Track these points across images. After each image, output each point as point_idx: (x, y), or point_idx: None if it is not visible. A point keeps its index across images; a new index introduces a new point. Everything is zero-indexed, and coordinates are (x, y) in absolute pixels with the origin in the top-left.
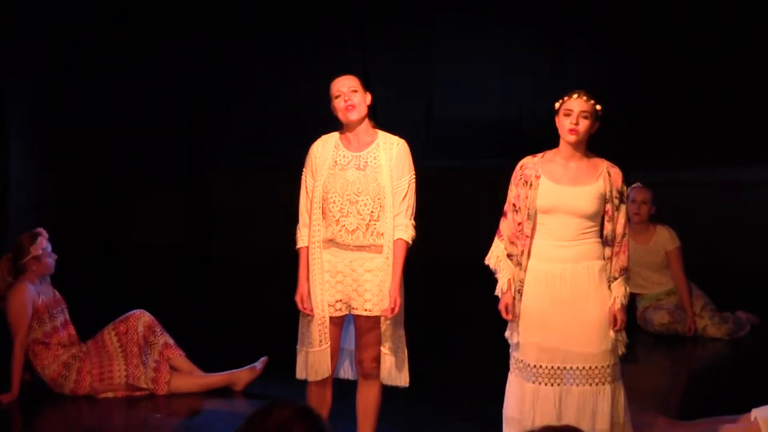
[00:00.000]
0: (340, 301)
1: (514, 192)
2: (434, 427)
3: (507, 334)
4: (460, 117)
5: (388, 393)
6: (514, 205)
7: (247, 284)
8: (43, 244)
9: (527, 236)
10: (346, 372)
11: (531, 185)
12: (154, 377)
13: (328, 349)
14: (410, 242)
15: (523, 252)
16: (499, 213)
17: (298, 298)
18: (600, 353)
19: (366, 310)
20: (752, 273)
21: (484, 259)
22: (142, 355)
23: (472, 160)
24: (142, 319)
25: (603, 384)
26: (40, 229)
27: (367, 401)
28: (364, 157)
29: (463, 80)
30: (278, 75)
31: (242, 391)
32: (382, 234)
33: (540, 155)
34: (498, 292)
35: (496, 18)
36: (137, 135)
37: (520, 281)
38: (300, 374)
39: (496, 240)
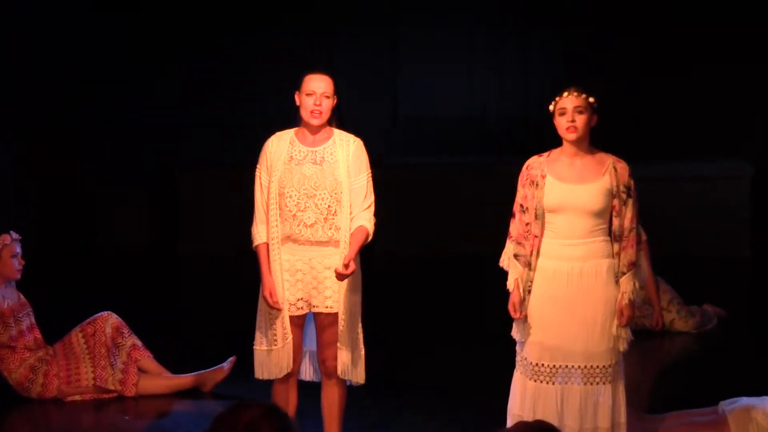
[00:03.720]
0: (302, 299)
1: (521, 193)
2: (401, 427)
3: (513, 332)
4: (426, 115)
5: (354, 392)
6: (521, 205)
7: (215, 284)
8: (6, 240)
9: (536, 236)
10: (308, 373)
11: (537, 185)
12: (122, 379)
13: (291, 344)
14: (371, 234)
15: (532, 252)
16: (463, 210)
17: (266, 293)
18: (601, 352)
19: (327, 307)
20: (719, 266)
21: (448, 256)
22: (110, 356)
23: (437, 157)
24: (109, 320)
25: (604, 383)
26: (13, 233)
27: (332, 401)
28: (321, 152)
29: (428, 79)
30: (244, 74)
31: (211, 392)
32: (339, 228)
33: (546, 154)
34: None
35: (461, 17)
36: (102, 135)
37: (530, 281)
38: (260, 374)
39: (507, 242)
